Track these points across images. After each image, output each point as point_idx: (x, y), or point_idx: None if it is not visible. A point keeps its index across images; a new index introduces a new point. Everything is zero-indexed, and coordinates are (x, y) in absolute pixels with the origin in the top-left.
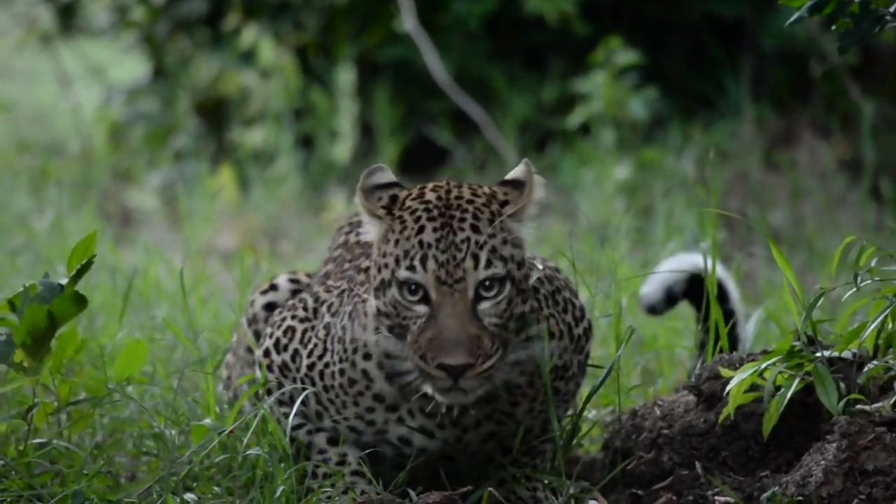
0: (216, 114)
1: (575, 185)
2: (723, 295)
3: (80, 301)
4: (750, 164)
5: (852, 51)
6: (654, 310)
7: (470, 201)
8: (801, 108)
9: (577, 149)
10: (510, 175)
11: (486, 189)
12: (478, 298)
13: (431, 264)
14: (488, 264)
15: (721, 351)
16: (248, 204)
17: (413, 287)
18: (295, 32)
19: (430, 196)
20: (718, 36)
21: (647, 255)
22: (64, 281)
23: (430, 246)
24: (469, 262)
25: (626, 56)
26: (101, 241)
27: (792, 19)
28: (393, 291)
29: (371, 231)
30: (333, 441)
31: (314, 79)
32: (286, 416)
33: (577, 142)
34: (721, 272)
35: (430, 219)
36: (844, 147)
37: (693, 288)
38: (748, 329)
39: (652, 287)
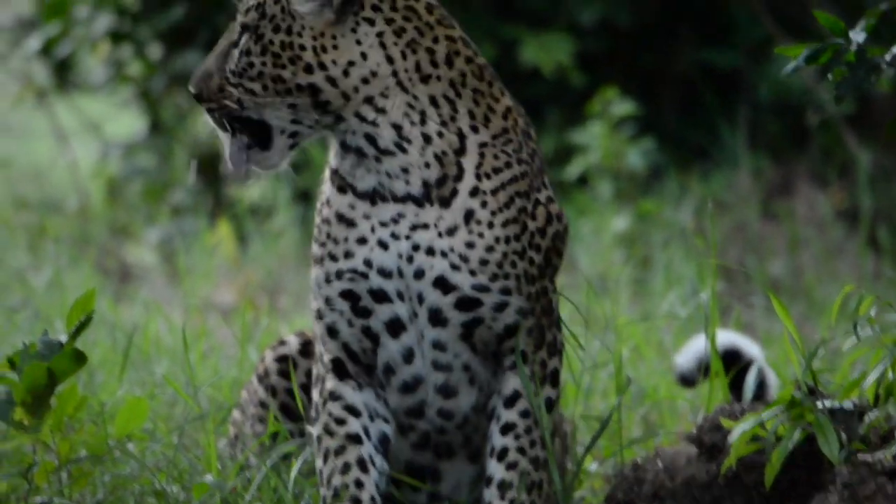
0: (213, 168)
1: (574, 237)
2: (762, 383)
3: (80, 358)
4: (747, 215)
5: (848, 100)
6: (686, 380)
7: None
8: (797, 157)
9: (575, 200)
10: None
11: None
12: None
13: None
14: (245, 11)
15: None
16: (246, 259)
17: None
18: None
19: None
20: (714, 86)
21: (647, 305)
22: (63, 338)
23: None
24: (241, 5)
25: (622, 107)
26: (100, 297)
27: (788, 69)
28: None
29: None
30: (360, 465)
31: None
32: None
33: (576, 193)
34: (761, 358)
35: None
36: (842, 196)
37: (728, 363)
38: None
39: (686, 357)
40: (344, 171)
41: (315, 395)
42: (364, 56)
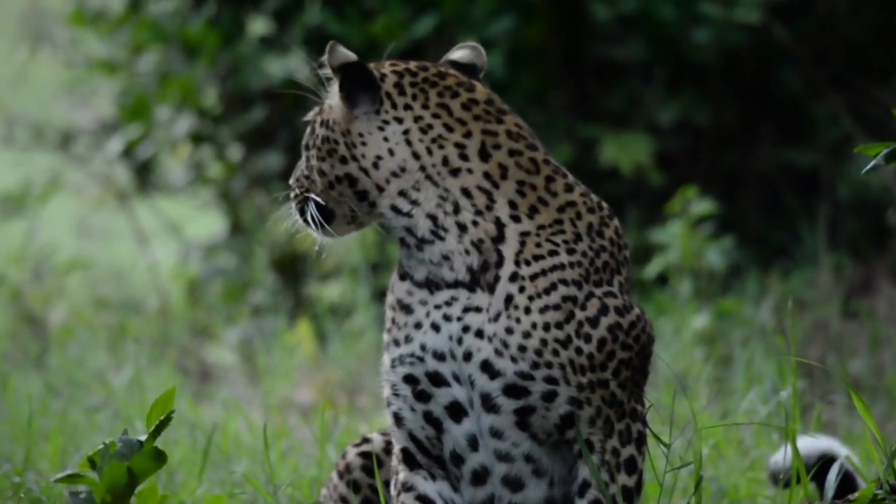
0: (293, 269)
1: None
2: (850, 483)
3: (160, 457)
4: (828, 313)
5: None
6: (777, 479)
7: None
8: (878, 256)
9: (654, 299)
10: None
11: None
12: None
13: None
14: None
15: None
16: (326, 358)
17: None
18: None
19: None
20: (794, 185)
21: (727, 404)
22: (143, 437)
23: None
24: None
25: (701, 206)
26: (180, 397)
27: (868, 167)
28: None
29: None
30: None
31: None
32: None
33: (655, 292)
34: (847, 463)
35: None
36: None
37: (821, 468)
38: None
39: (782, 456)
40: (402, 260)
41: (392, 488)
42: (391, 152)
